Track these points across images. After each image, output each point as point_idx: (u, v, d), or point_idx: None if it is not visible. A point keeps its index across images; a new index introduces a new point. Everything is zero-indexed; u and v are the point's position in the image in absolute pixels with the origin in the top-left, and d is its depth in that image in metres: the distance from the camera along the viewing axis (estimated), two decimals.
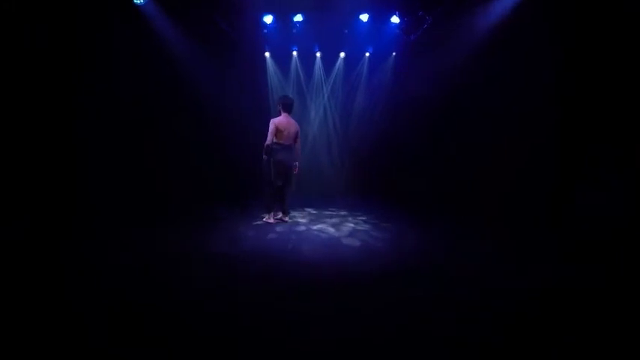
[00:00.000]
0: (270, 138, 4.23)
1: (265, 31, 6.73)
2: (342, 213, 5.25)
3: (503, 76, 4.93)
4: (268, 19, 6.50)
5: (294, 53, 7.18)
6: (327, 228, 4.23)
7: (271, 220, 4.44)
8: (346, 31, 6.81)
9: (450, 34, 5.93)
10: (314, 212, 5.27)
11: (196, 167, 5.90)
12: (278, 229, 4.19)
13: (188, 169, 5.74)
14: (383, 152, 7.02)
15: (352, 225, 4.42)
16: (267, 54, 7.13)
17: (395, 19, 6.46)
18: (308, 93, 7.23)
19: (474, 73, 5.44)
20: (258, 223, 4.43)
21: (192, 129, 5.91)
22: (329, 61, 7.27)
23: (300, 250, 3.36)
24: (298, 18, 6.55)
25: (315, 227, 4.28)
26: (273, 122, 4.29)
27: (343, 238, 3.80)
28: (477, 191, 5.06)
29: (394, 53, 7.14)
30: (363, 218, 4.87)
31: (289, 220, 4.59)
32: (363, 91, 7.21)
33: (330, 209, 5.52)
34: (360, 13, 6.44)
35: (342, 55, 7.21)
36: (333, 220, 4.69)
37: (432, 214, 5.09)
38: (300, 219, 4.80)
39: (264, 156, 4.25)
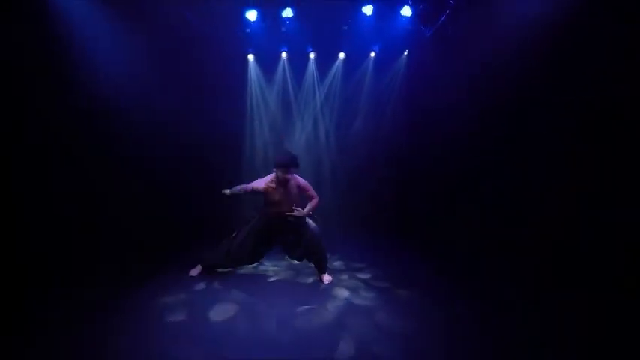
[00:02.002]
0: None
1: (248, 30, 5.47)
2: (336, 264, 3.62)
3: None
4: (252, 15, 5.24)
5: (283, 55, 5.87)
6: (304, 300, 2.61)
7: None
8: (346, 27, 5.52)
9: (480, 24, 4.51)
10: (296, 262, 3.68)
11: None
12: (224, 298, 2.61)
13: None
14: (395, 177, 5.46)
15: (347, 293, 2.77)
16: (250, 57, 5.84)
17: (406, 11, 5.14)
18: (295, 101, 5.83)
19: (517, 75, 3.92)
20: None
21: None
22: (326, 63, 5.94)
23: None
24: (287, 13, 5.30)
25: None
26: None
27: (324, 329, 2.16)
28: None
29: (406, 52, 5.77)
30: (366, 277, 3.22)
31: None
32: (366, 98, 5.78)
33: None
34: (363, 5, 5.16)
35: (342, 56, 5.88)
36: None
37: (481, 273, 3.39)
38: (272, 275, 3.21)
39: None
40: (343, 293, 2.79)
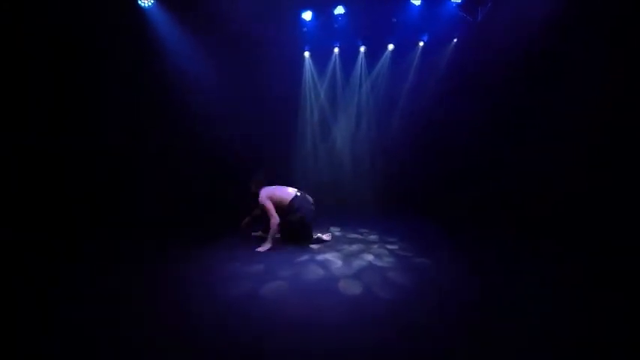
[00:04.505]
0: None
1: (305, 29, 6.14)
2: (371, 238, 4.19)
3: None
4: (307, 15, 5.91)
5: (336, 50, 6.43)
6: (334, 260, 3.26)
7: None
8: (395, 19, 5.82)
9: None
10: (337, 234, 4.35)
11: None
12: (273, 256, 3.41)
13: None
14: (441, 161, 5.76)
15: (371, 258, 3.34)
16: (306, 54, 6.53)
17: None
18: (342, 94, 6.40)
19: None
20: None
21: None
22: (376, 55, 6.33)
23: (260, 299, 2.40)
24: (339, 10, 5.83)
25: (319, 257, 3.36)
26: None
27: (344, 279, 2.79)
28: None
29: (455, 40, 5.83)
30: (393, 247, 3.73)
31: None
32: (411, 85, 6.07)
33: (360, 231, 4.50)
34: None
35: (391, 47, 6.21)
36: (352, 248, 3.69)
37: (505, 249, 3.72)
38: (313, 244, 3.95)
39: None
40: (368, 257, 3.37)
